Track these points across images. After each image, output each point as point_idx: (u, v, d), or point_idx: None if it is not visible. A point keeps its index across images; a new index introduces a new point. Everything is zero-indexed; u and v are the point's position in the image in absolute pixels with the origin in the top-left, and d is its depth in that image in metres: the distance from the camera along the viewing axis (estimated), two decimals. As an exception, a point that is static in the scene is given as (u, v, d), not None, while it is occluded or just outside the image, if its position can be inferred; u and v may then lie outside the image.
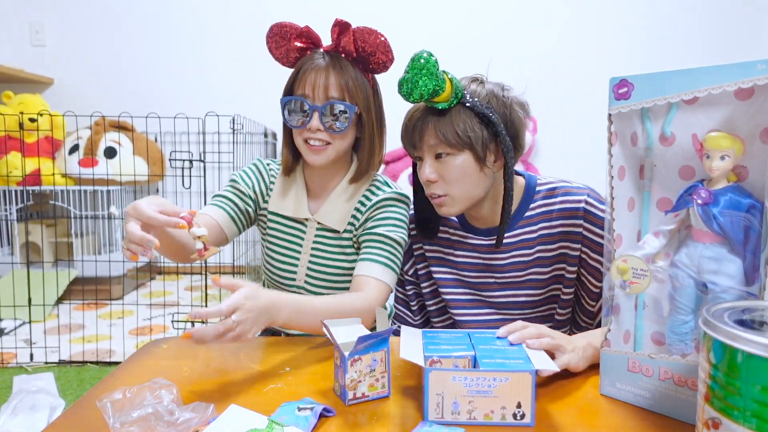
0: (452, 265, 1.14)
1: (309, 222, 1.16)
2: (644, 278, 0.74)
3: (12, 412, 1.59)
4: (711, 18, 3.46)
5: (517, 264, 1.10)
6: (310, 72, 1.06)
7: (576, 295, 1.11)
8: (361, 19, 1.21)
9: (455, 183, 1.00)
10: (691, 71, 0.68)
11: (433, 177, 1.00)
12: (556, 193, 1.08)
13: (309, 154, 1.09)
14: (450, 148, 0.98)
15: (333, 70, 1.06)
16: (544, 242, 1.08)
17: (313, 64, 1.07)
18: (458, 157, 0.99)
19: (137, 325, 2.58)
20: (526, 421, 0.70)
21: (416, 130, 1.00)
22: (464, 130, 0.97)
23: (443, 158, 0.99)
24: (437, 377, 0.71)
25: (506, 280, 1.11)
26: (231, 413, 0.70)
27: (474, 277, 1.13)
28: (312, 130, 1.06)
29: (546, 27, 3.45)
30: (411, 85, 0.93)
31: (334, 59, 1.08)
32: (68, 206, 2.95)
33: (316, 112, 1.06)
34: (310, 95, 1.06)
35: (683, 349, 0.73)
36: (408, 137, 1.03)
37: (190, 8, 3.50)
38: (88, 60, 3.52)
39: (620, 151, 0.78)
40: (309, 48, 1.11)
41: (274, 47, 1.11)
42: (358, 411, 0.75)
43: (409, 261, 1.20)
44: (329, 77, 1.06)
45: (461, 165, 0.99)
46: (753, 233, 0.67)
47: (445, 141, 0.97)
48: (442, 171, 1.00)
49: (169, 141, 3.39)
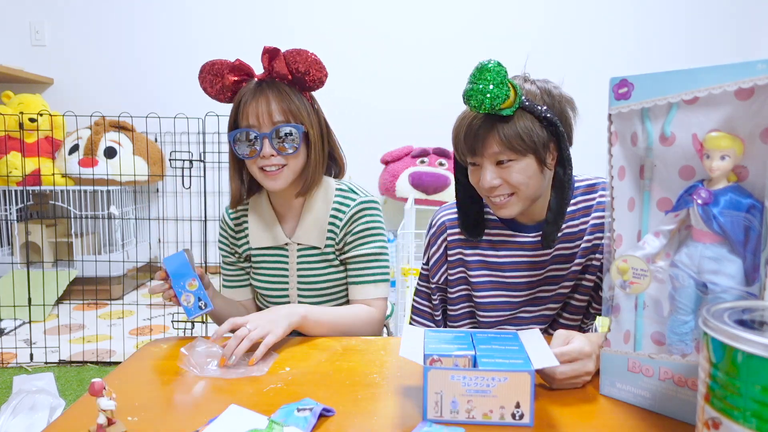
0: (494, 267, 1.13)
1: (289, 245, 1.21)
2: (644, 278, 0.74)
3: (12, 412, 1.59)
4: (711, 18, 3.46)
5: (558, 257, 1.11)
6: (251, 102, 1.09)
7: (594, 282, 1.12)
8: (359, 26, 1.20)
9: (519, 186, 0.99)
10: (692, 71, 0.68)
11: (496, 183, 0.98)
12: (596, 188, 1.11)
13: (267, 180, 1.11)
14: (515, 154, 0.96)
15: (272, 95, 1.09)
16: (583, 236, 1.10)
17: (251, 94, 1.10)
18: (522, 161, 0.97)
19: (137, 325, 2.58)
20: (525, 421, 0.70)
21: (478, 138, 0.96)
22: (529, 135, 0.95)
23: (505, 164, 0.97)
24: (436, 376, 0.71)
25: (546, 275, 1.12)
26: (231, 413, 0.70)
27: (515, 276, 1.13)
28: (266, 157, 1.09)
29: (546, 27, 3.45)
30: (482, 96, 0.90)
31: (270, 85, 1.10)
32: (68, 206, 2.95)
33: (266, 138, 1.08)
34: (256, 124, 1.09)
35: (683, 349, 0.73)
36: (467, 145, 0.98)
37: (190, 8, 3.50)
38: (88, 60, 3.52)
39: (620, 151, 0.78)
40: (243, 80, 1.13)
41: (208, 86, 1.13)
42: (358, 411, 0.75)
43: (441, 269, 1.17)
44: (270, 103, 1.09)
45: (524, 169, 0.98)
46: (753, 233, 0.67)
47: (510, 148, 0.95)
48: (505, 176, 0.98)
49: (169, 141, 3.39)
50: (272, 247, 1.22)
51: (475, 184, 1.03)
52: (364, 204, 1.17)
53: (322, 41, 3.41)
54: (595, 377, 0.83)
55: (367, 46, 3.47)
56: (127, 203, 3.18)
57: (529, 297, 1.13)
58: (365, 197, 1.19)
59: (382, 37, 3.49)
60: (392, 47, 3.49)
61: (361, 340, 1.05)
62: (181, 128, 3.27)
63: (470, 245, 1.15)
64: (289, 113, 1.09)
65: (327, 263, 1.20)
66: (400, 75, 3.51)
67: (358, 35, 3.49)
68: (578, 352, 0.80)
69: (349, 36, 3.50)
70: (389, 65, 3.50)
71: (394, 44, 3.50)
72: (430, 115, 3.47)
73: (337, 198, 1.19)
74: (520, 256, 1.12)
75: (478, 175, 1.01)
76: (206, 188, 2.41)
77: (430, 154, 3.29)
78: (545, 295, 1.13)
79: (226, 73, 1.11)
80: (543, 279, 1.12)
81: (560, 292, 1.13)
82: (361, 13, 3.49)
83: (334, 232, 1.18)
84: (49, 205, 3.02)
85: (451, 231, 1.16)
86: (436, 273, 1.18)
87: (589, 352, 0.81)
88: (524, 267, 1.12)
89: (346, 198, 1.19)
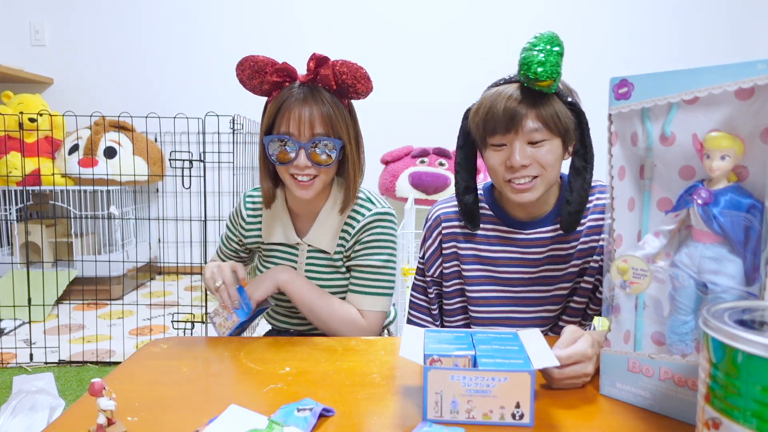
0: (487, 262, 1.14)
1: (300, 245, 1.20)
2: (644, 278, 0.74)
3: (12, 413, 1.59)
4: (711, 18, 3.46)
5: (554, 258, 1.11)
6: (293, 108, 1.05)
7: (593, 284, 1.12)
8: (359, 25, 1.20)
9: (547, 167, 1.00)
10: (692, 71, 0.68)
11: (527, 161, 0.99)
12: (593, 191, 1.11)
13: (297, 189, 1.09)
14: (549, 134, 0.99)
15: (315, 103, 1.05)
16: (579, 237, 1.10)
17: (293, 98, 1.05)
18: (553, 142, 0.99)
19: (137, 325, 2.58)
20: (525, 421, 0.70)
21: (515, 115, 0.97)
22: (564, 116, 0.98)
23: (537, 144, 0.99)
24: (436, 376, 0.71)
25: (540, 274, 1.12)
26: (231, 413, 0.70)
27: (508, 272, 1.13)
28: (300, 168, 1.07)
29: (545, 27, 3.45)
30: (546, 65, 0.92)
31: (313, 91, 1.06)
32: (68, 206, 2.95)
33: (303, 149, 1.05)
34: (295, 133, 1.05)
35: (683, 349, 0.73)
36: (504, 120, 0.98)
37: (190, 8, 3.50)
38: (88, 60, 3.52)
39: (620, 151, 0.78)
40: (285, 81, 1.08)
41: (246, 79, 1.09)
42: (358, 411, 0.75)
43: (436, 262, 1.19)
44: (312, 111, 1.05)
45: (552, 150, 1.00)
46: (753, 233, 0.67)
47: (546, 126, 0.97)
48: (537, 155, 0.99)
49: (169, 141, 3.39)
50: (283, 244, 1.21)
51: (498, 165, 1.02)
52: (378, 215, 1.15)
53: (323, 40, 3.41)
54: (595, 377, 0.83)
55: (367, 45, 3.46)
56: (127, 203, 3.18)
57: (523, 295, 1.13)
58: (381, 208, 1.16)
59: (382, 37, 3.49)
60: (392, 47, 3.49)
61: (361, 340, 1.05)
62: (181, 128, 3.27)
63: (465, 239, 1.16)
64: (330, 125, 1.06)
65: (334, 269, 1.18)
66: (401, 75, 3.50)
67: (358, 35, 3.49)
68: (581, 354, 0.81)
69: (349, 36, 3.50)
70: (389, 65, 3.50)
71: (394, 44, 3.50)
72: (430, 116, 3.48)
73: (354, 206, 1.17)
74: (514, 252, 1.13)
75: (505, 156, 1.01)
76: (206, 188, 2.41)
77: (430, 154, 3.29)
78: (541, 295, 1.13)
79: (269, 73, 1.07)
80: (537, 278, 1.12)
81: (558, 293, 1.13)
82: (362, 12, 3.49)
83: (345, 239, 1.16)
84: (49, 205, 3.02)
85: (445, 224, 1.17)
86: (431, 266, 1.19)
87: (591, 354, 0.81)
88: (518, 263, 1.13)
89: (362, 207, 1.16)
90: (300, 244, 1.19)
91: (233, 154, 2.65)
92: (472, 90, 1.09)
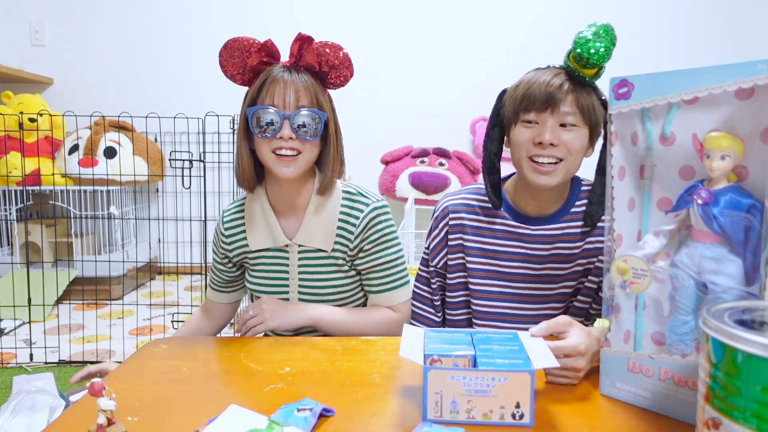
0: (491, 255, 1.15)
1: (290, 247, 1.16)
2: (644, 278, 0.74)
3: (12, 412, 1.58)
4: (711, 18, 3.46)
5: (558, 256, 1.12)
6: (277, 82, 1.05)
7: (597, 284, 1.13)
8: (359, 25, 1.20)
9: (573, 152, 1.02)
10: (692, 71, 0.68)
11: (556, 141, 1.01)
12: None
13: (279, 166, 1.06)
14: (582, 121, 1.01)
15: (299, 80, 1.06)
16: (585, 237, 1.11)
17: (277, 75, 1.06)
18: (582, 130, 1.02)
19: (137, 325, 2.58)
20: (525, 421, 0.70)
21: (556, 94, 1.00)
22: (598, 109, 1.02)
23: (568, 128, 1.01)
24: (436, 376, 0.71)
25: (544, 272, 1.13)
26: (231, 413, 0.70)
27: (511, 267, 1.14)
28: (284, 139, 1.04)
29: (545, 27, 3.45)
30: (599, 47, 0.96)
31: (296, 72, 1.07)
32: (68, 206, 2.95)
33: (287, 120, 1.04)
34: (280, 104, 1.05)
35: (683, 349, 0.73)
36: (543, 95, 1.00)
37: (190, 8, 3.50)
38: (88, 60, 3.52)
39: (620, 151, 0.78)
40: (268, 63, 1.08)
41: (228, 63, 1.08)
42: (358, 411, 0.75)
43: (440, 253, 1.19)
44: (296, 82, 1.05)
45: (580, 138, 1.02)
46: (753, 233, 0.67)
47: (581, 112, 1.00)
48: (565, 138, 1.01)
49: (169, 141, 3.39)
50: (270, 249, 1.17)
51: (525, 141, 1.04)
52: (377, 210, 1.15)
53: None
54: (593, 376, 0.83)
55: (367, 46, 3.46)
56: (127, 203, 3.18)
57: (526, 292, 1.14)
58: (377, 202, 1.16)
59: (382, 37, 3.49)
60: (393, 47, 3.49)
61: (361, 340, 1.05)
62: (181, 128, 3.27)
63: (471, 231, 1.16)
64: (315, 97, 1.06)
65: (335, 268, 1.16)
66: (401, 75, 3.51)
67: (358, 35, 3.48)
68: (571, 348, 0.81)
69: (349, 36, 3.48)
70: (389, 65, 3.50)
71: (394, 44, 3.50)
72: (430, 116, 3.48)
73: (346, 201, 1.15)
74: (518, 247, 1.13)
75: (535, 132, 1.03)
76: (206, 188, 2.41)
77: (430, 154, 3.29)
78: (544, 293, 1.13)
79: (254, 52, 1.06)
80: (541, 275, 1.13)
81: (561, 292, 1.13)
82: (362, 12, 3.49)
83: (345, 238, 1.14)
84: (49, 205, 3.02)
85: (453, 216, 1.18)
86: (436, 257, 1.19)
87: (583, 350, 0.82)
88: (521, 258, 1.13)
89: (355, 202, 1.15)
90: (290, 246, 1.16)
91: (233, 154, 2.65)
92: (473, 90, 1.10)
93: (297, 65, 1.08)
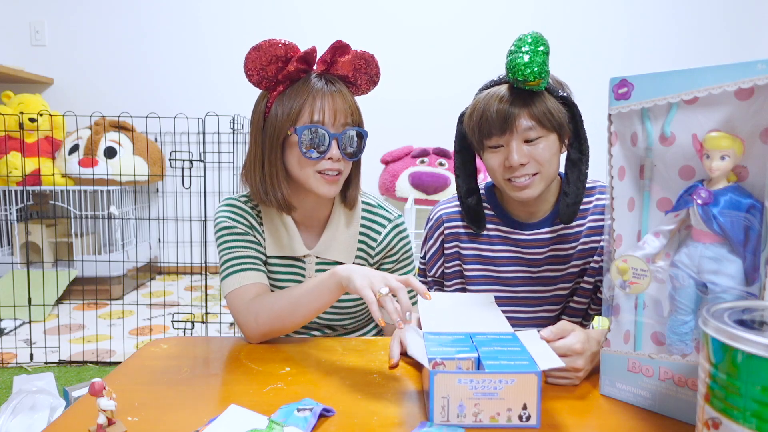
0: (488, 261, 1.15)
1: (308, 258, 1.11)
2: (644, 278, 0.74)
3: (12, 412, 1.59)
4: (711, 18, 3.46)
5: (554, 258, 1.12)
6: (318, 97, 0.98)
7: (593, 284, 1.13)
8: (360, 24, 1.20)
9: (545, 164, 1.01)
10: (691, 71, 0.68)
11: (525, 160, 1.00)
12: (593, 192, 1.12)
13: (323, 185, 1.00)
14: (544, 131, 1.00)
15: (337, 93, 1.00)
16: (579, 238, 1.11)
17: (318, 87, 0.98)
18: (549, 138, 1.01)
19: (137, 325, 2.58)
20: (532, 422, 0.70)
21: (511, 114, 0.98)
22: (557, 111, 0.99)
23: (533, 142, 1.00)
24: (443, 380, 0.70)
25: (541, 275, 1.13)
26: (231, 413, 0.70)
27: (509, 272, 1.14)
28: (333, 160, 0.99)
29: (545, 27, 3.45)
30: (532, 65, 0.93)
31: (331, 82, 1.01)
32: (68, 206, 2.95)
33: (335, 139, 0.98)
34: (327, 122, 0.98)
35: (683, 349, 0.73)
36: (498, 121, 0.99)
37: (190, 8, 3.50)
38: (88, 60, 3.52)
39: (620, 151, 0.78)
40: (304, 71, 1.01)
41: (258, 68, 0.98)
42: (358, 411, 0.75)
43: (437, 263, 1.20)
44: (337, 101, 0.99)
45: (549, 147, 1.01)
46: (753, 233, 0.67)
47: (540, 124, 0.98)
48: (534, 153, 1.00)
49: (169, 141, 3.39)
50: (287, 257, 1.10)
51: (498, 166, 1.03)
52: (398, 228, 1.14)
53: (324, 39, 3.40)
54: (592, 376, 0.83)
55: (367, 44, 3.46)
56: (127, 203, 3.18)
57: (523, 295, 1.14)
58: (396, 218, 1.14)
59: (382, 36, 3.49)
60: (393, 46, 3.49)
61: (361, 340, 1.05)
62: (181, 128, 3.27)
63: (467, 239, 1.16)
64: (353, 115, 1.01)
65: None
66: (401, 75, 3.50)
67: (359, 34, 3.48)
68: (567, 348, 0.81)
69: (350, 35, 3.48)
70: (390, 64, 3.49)
71: (394, 43, 3.50)
72: (430, 115, 3.48)
73: (366, 214, 1.13)
74: (515, 252, 1.13)
75: (503, 156, 1.02)
76: (206, 188, 2.41)
77: (430, 154, 3.29)
78: (542, 295, 1.13)
79: (294, 61, 0.98)
80: (538, 278, 1.13)
81: (558, 293, 1.13)
82: (363, 11, 3.49)
83: (366, 252, 1.12)
84: (49, 205, 3.02)
85: (448, 225, 1.18)
86: (433, 266, 1.20)
87: (580, 350, 0.81)
88: (518, 263, 1.13)
89: (376, 215, 1.13)
90: (308, 257, 1.10)
91: (233, 154, 2.65)
92: (473, 90, 1.09)
93: (329, 73, 1.03)
